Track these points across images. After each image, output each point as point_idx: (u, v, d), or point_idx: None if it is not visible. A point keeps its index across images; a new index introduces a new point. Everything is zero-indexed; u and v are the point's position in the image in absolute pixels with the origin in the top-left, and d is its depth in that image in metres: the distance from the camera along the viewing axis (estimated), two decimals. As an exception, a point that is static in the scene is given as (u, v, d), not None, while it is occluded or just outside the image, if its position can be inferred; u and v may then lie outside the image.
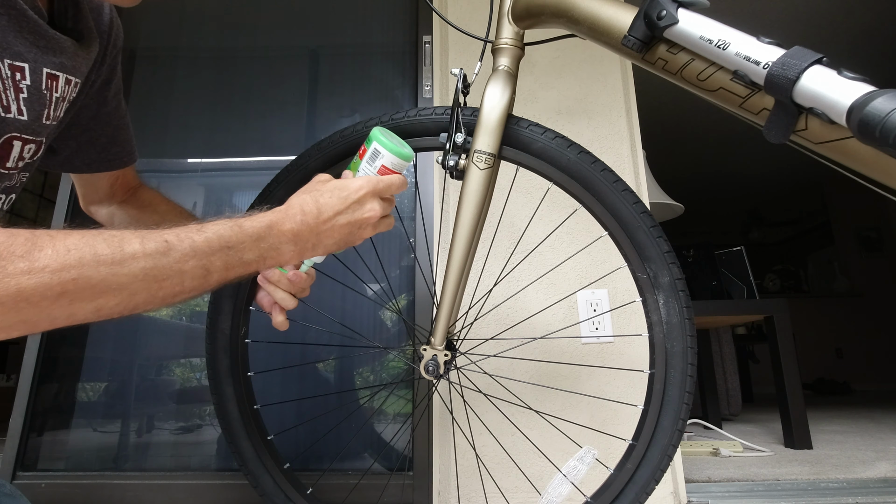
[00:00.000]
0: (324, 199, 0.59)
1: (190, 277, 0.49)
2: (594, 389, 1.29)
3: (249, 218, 0.55)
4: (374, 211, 0.60)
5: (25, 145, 0.59)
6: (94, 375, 1.42)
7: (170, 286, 0.48)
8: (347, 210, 0.59)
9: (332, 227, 0.59)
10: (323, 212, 0.58)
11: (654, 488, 0.68)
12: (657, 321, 0.70)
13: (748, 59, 0.53)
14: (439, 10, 1.30)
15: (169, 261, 0.48)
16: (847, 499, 1.31)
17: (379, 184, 0.62)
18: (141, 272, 0.46)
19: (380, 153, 0.65)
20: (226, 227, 0.53)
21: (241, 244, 0.53)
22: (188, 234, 0.50)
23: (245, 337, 0.80)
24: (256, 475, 0.76)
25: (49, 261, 0.43)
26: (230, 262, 0.52)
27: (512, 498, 1.18)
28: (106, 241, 0.46)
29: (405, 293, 1.44)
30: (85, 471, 1.32)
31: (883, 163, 0.49)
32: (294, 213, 0.57)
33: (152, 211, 0.85)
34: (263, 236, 0.54)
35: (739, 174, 5.28)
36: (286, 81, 1.67)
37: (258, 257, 0.54)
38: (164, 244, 0.48)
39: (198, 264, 0.50)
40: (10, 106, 0.54)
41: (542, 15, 0.71)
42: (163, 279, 0.48)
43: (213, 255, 0.51)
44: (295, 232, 0.56)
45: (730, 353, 2.70)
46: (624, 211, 0.71)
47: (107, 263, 0.45)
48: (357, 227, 0.60)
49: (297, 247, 0.57)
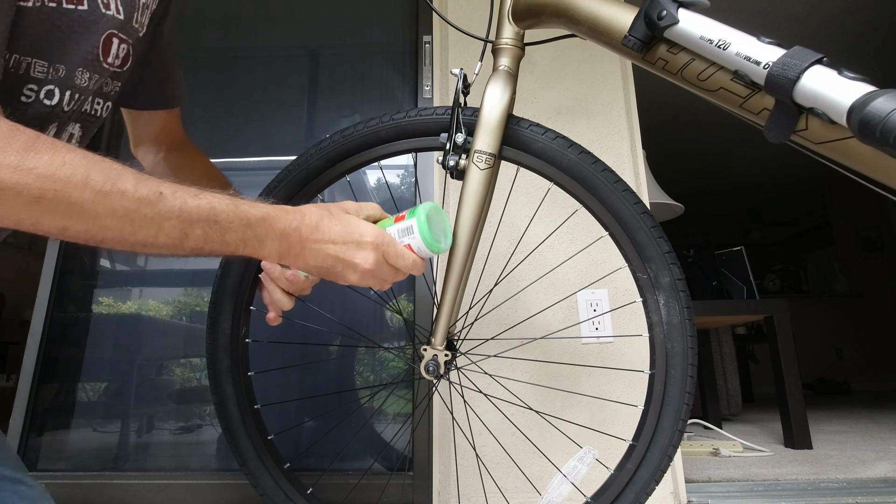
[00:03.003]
0: (328, 222, 0.58)
1: (165, 235, 0.49)
2: (594, 390, 1.29)
3: (249, 203, 0.54)
4: (366, 262, 0.57)
5: (121, 44, 0.64)
6: (94, 375, 1.42)
7: (143, 235, 0.48)
8: (343, 244, 0.57)
9: (319, 250, 0.57)
10: (320, 231, 0.57)
11: (654, 488, 0.68)
12: (658, 321, 0.70)
13: (749, 59, 0.53)
14: (439, 10, 1.30)
15: (152, 211, 0.48)
16: (847, 499, 1.30)
17: (389, 246, 0.58)
18: (121, 210, 0.46)
19: (412, 234, 0.59)
20: (222, 202, 0.52)
21: (228, 223, 0.52)
22: (184, 194, 0.50)
23: (245, 337, 0.80)
24: (256, 475, 0.76)
25: (39, 165, 0.43)
26: (210, 236, 0.51)
27: (512, 498, 1.18)
28: (102, 170, 0.46)
29: (405, 293, 1.44)
30: (85, 471, 1.32)
31: (883, 163, 0.49)
32: (293, 218, 0.56)
33: (191, 170, 0.87)
34: (253, 224, 0.53)
35: (739, 174, 5.28)
36: (286, 81, 1.67)
37: (239, 241, 0.53)
38: (157, 195, 0.48)
39: (178, 226, 0.49)
40: (109, 3, 0.60)
41: (542, 15, 0.71)
42: (138, 226, 0.47)
43: (197, 224, 0.50)
44: (284, 234, 0.55)
45: (730, 353, 2.70)
46: (625, 211, 0.71)
47: (93, 190, 0.45)
48: (343, 265, 0.58)
49: (280, 248, 0.56)
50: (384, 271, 0.59)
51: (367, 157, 0.80)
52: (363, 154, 0.79)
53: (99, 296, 1.48)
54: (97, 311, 1.47)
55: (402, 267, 0.59)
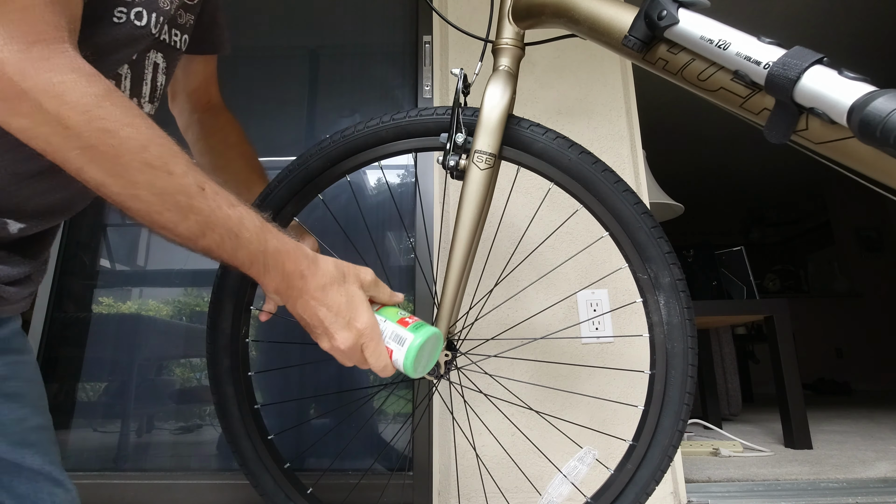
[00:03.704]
0: (335, 289, 0.57)
1: (186, 227, 0.50)
2: (594, 390, 1.29)
3: (274, 232, 0.55)
4: (343, 342, 0.57)
5: None
6: (94, 375, 1.42)
7: (167, 219, 0.49)
8: (334, 315, 0.57)
9: (312, 307, 0.57)
10: (323, 292, 0.57)
11: (654, 489, 0.68)
12: (658, 322, 0.69)
13: (749, 59, 0.53)
14: (439, 10, 1.30)
15: (186, 202, 0.49)
16: (847, 499, 1.31)
17: (371, 341, 0.58)
18: (160, 188, 0.48)
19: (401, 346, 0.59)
20: (252, 221, 0.53)
21: (248, 242, 0.53)
22: (222, 199, 0.51)
23: (246, 337, 0.80)
24: (257, 475, 0.76)
25: (108, 118, 0.45)
26: (224, 245, 0.52)
27: (512, 498, 1.18)
28: (160, 145, 0.48)
29: (406, 293, 1.44)
30: (85, 471, 1.32)
31: (883, 163, 0.49)
32: (305, 265, 0.56)
33: (222, 137, 0.87)
34: (267, 254, 0.54)
35: (739, 174, 5.28)
36: (286, 81, 1.67)
37: (247, 260, 0.54)
38: (198, 189, 0.50)
39: (201, 222, 0.50)
40: None
41: (542, 15, 0.71)
42: (167, 209, 0.48)
43: (218, 230, 0.51)
44: (289, 275, 0.56)
45: (730, 353, 2.70)
46: (625, 211, 0.71)
47: (143, 160, 0.47)
48: (323, 330, 0.58)
49: (279, 285, 0.56)
50: (354, 356, 0.59)
51: (368, 156, 0.79)
52: (364, 154, 0.79)
53: (99, 296, 1.48)
54: (97, 311, 1.47)
55: (372, 364, 0.59)
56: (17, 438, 0.62)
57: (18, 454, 0.62)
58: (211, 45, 0.85)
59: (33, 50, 0.43)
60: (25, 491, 0.62)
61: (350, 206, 1.48)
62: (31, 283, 0.63)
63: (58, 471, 0.65)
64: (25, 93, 0.43)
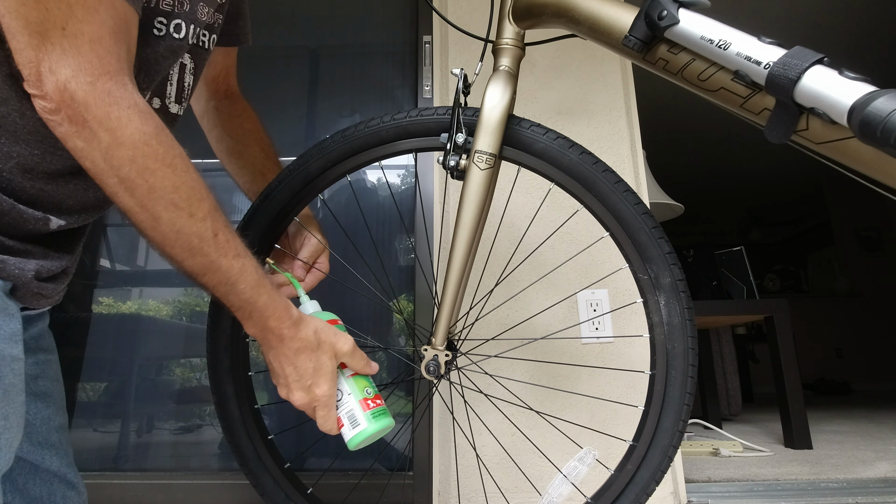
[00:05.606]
0: (306, 355, 0.60)
1: (191, 265, 0.55)
2: (594, 390, 1.29)
3: (270, 288, 0.59)
4: (300, 400, 0.62)
5: None
6: (94, 375, 1.42)
7: (177, 252, 0.54)
8: (299, 377, 0.61)
9: (282, 361, 0.60)
10: (295, 354, 0.60)
11: (654, 489, 0.68)
12: (658, 322, 0.69)
13: (749, 60, 0.53)
14: (439, 10, 1.30)
15: (198, 244, 0.53)
16: (847, 499, 1.31)
17: (324, 408, 0.62)
18: (178, 226, 0.52)
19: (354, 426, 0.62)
20: (252, 275, 0.57)
21: (241, 292, 0.57)
22: (230, 249, 0.56)
23: (246, 336, 0.80)
24: (257, 475, 0.76)
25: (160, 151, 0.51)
26: (219, 287, 0.56)
27: (512, 498, 1.18)
28: (190, 189, 0.52)
29: (406, 293, 1.44)
30: (85, 471, 1.32)
31: (883, 163, 0.49)
32: (287, 325, 0.59)
33: (238, 125, 0.89)
34: (255, 308, 0.58)
35: (739, 174, 5.28)
36: (286, 81, 1.67)
37: (236, 305, 0.58)
38: (212, 235, 0.54)
39: (204, 264, 0.55)
40: None
41: (542, 15, 0.71)
42: (180, 246, 0.53)
43: (218, 275, 0.55)
44: (269, 330, 0.59)
45: (730, 353, 2.70)
46: (625, 212, 0.71)
47: (169, 200, 0.51)
48: (286, 382, 0.62)
49: (257, 334, 0.60)
50: (306, 410, 0.63)
51: (369, 157, 0.79)
52: (364, 154, 0.79)
53: (99, 296, 1.48)
54: (97, 311, 1.46)
55: (320, 425, 0.63)
56: (42, 438, 0.64)
57: (39, 455, 0.63)
58: (234, 37, 0.86)
59: (99, 83, 0.48)
60: (39, 493, 0.63)
61: (350, 206, 1.48)
62: (66, 276, 0.65)
63: (72, 473, 0.66)
64: (87, 122, 0.48)
